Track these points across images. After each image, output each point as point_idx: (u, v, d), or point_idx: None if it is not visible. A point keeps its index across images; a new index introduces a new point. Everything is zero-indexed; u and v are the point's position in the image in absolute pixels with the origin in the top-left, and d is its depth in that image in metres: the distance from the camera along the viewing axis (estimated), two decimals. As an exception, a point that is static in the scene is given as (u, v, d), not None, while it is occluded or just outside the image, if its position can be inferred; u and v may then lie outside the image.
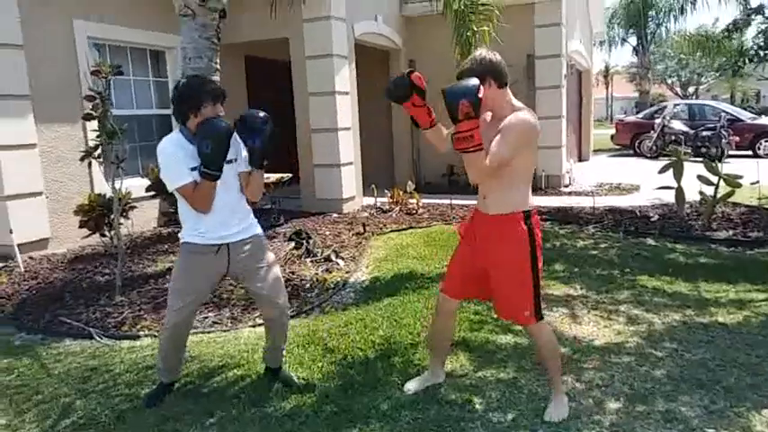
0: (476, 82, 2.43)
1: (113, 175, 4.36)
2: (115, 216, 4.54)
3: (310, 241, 5.80)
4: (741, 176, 6.39)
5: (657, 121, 15.28)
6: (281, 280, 3.11)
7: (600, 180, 10.52)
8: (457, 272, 2.91)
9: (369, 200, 8.57)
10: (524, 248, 2.62)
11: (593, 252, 5.70)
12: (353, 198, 8.37)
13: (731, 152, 13.33)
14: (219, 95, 2.79)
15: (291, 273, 5.14)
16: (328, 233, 6.69)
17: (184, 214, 2.88)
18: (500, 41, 5.52)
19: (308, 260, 5.49)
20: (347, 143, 8.16)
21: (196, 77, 2.82)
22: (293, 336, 3.77)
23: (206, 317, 4.21)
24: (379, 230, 6.82)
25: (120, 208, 4.56)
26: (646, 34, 20.48)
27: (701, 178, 6.53)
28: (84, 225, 5.67)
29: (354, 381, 3.17)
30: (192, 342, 3.78)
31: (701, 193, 6.70)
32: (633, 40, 21.88)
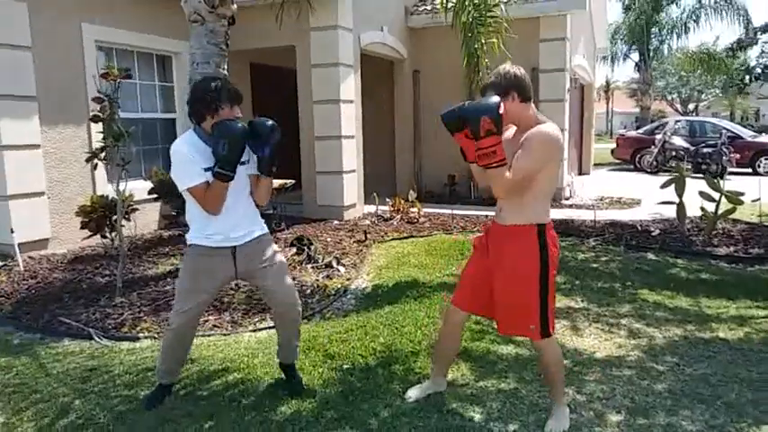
0: (497, 99, 2.45)
1: (118, 177, 4.36)
2: (118, 217, 4.54)
3: (312, 247, 5.80)
4: (743, 193, 6.41)
5: (658, 137, 15.34)
6: (289, 276, 3.10)
7: (601, 194, 10.54)
8: (468, 284, 2.90)
9: (370, 208, 8.58)
10: (533, 262, 2.60)
11: (594, 265, 5.70)
12: (355, 205, 8.38)
13: (731, 169, 13.37)
14: (237, 98, 2.80)
15: (292, 278, 5.11)
16: (329, 240, 6.69)
17: (193, 216, 2.88)
18: (508, 54, 5.55)
19: (309, 266, 5.48)
20: (350, 151, 8.19)
21: (214, 79, 2.81)
22: (293, 341, 3.76)
23: (206, 320, 4.20)
24: (380, 238, 6.82)
25: (123, 210, 4.56)
26: (648, 50, 20.60)
27: (703, 194, 6.55)
28: (85, 226, 5.68)
29: (355, 387, 3.16)
30: (193, 345, 3.76)
31: (703, 209, 6.72)
32: (635, 56, 22.02)
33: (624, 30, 20.94)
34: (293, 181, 7.53)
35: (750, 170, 14.46)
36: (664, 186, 6.87)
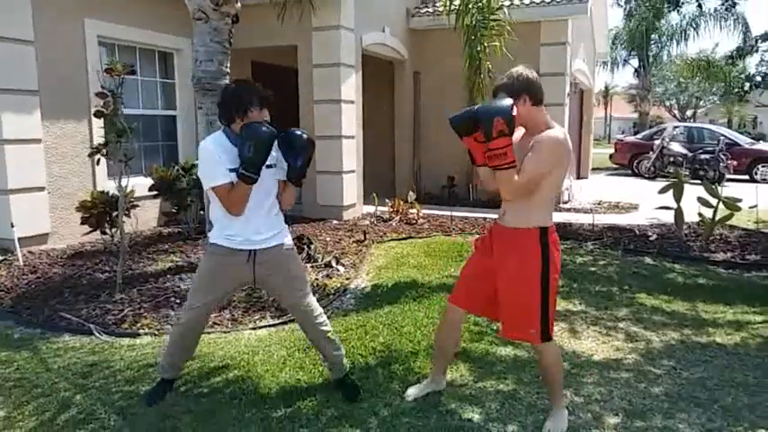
0: (509, 101, 2.48)
1: (120, 173, 4.37)
2: (120, 213, 4.55)
3: (311, 246, 5.82)
4: (740, 200, 6.46)
5: (656, 143, 15.40)
6: (309, 289, 3.07)
7: (599, 198, 10.57)
8: (465, 283, 2.93)
9: (369, 208, 8.59)
10: (535, 265, 2.62)
11: (592, 268, 5.74)
12: (354, 206, 8.40)
13: (729, 176, 13.43)
14: (266, 101, 2.83)
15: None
16: (329, 239, 6.71)
17: (216, 215, 2.90)
18: (510, 57, 5.58)
19: (309, 265, 5.50)
20: (350, 151, 8.21)
21: (245, 82, 2.85)
22: (293, 339, 3.79)
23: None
24: (379, 239, 6.84)
25: (125, 206, 4.57)
26: (648, 57, 20.68)
27: (701, 200, 6.59)
28: (85, 222, 5.68)
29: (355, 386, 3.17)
30: (193, 342, 3.79)
31: (701, 215, 6.76)
32: (635, 62, 22.10)
33: (624, 36, 21.01)
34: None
35: (747, 177, 14.54)
36: (662, 192, 6.90)
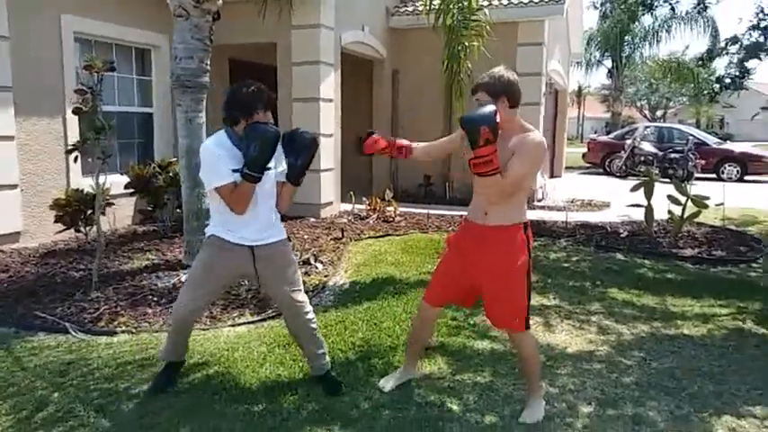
0: (493, 108, 2.51)
1: (98, 171, 4.33)
2: (96, 211, 4.51)
3: (289, 244, 5.82)
4: (708, 198, 6.66)
5: (628, 142, 15.73)
6: (299, 286, 3.10)
7: (572, 196, 10.76)
8: (439, 281, 3.01)
9: (346, 206, 8.63)
10: (524, 258, 2.73)
11: (565, 264, 5.87)
12: (331, 204, 8.43)
13: (697, 175, 13.77)
14: (271, 103, 2.84)
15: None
16: (306, 237, 6.73)
17: (217, 211, 2.92)
18: (489, 56, 5.67)
19: (287, 263, 5.51)
20: (328, 149, 8.22)
21: (251, 84, 2.83)
22: (273, 336, 3.81)
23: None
24: (356, 236, 6.88)
25: (102, 204, 4.53)
26: (620, 58, 21.05)
27: (671, 198, 6.78)
28: (59, 220, 5.62)
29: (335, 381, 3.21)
30: (172, 339, 3.79)
31: (670, 212, 6.95)
32: (608, 63, 22.47)
33: (599, 37, 21.34)
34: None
35: (714, 176, 14.93)
36: (633, 190, 7.08)
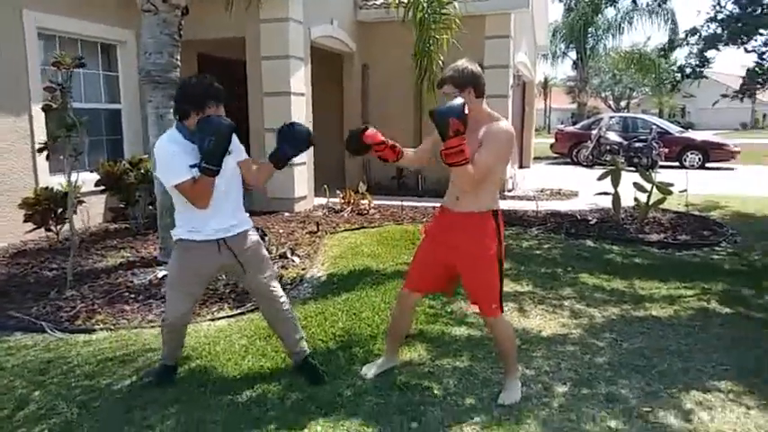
0: (461, 101, 2.60)
1: (69, 168, 4.28)
2: (69, 209, 4.45)
3: (265, 238, 5.84)
4: (672, 184, 6.88)
5: (594, 132, 16.06)
6: (272, 272, 3.14)
7: (541, 186, 10.97)
8: (417, 268, 3.09)
9: (320, 200, 8.65)
10: (493, 244, 2.82)
11: (537, 252, 6.01)
12: (305, 198, 8.44)
13: (661, 163, 14.16)
14: (223, 97, 2.84)
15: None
16: (282, 231, 6.74)
17: (180, 212, 2.91)
18: (460, 47, 5.75)
19: (264, 257, 5.52)
20: (300, 143, 8.20)
21: (203, 77, 2.84)
22: (253, 328, 3.83)
23: (163, 311, 4.19)
24: (332, 229, 6.91)
25: (74, 202, 4.48)
26: (585, 50, 21.45)
27: (637, 185, 6.98)
28: (29, 219, 5.52)
29: (318, 370, 3.26)
30: (152, 335, 3.80)
31: (636, 200, 7.16)
32: (573, 55, 22.86)
33: (564, 29, 21.69)
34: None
35: (677, 163, 15.36)
36: (601, 178, 7.27)
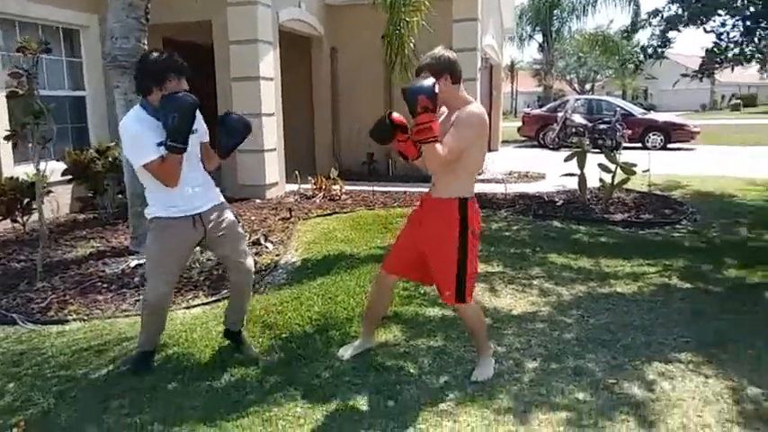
0: (432, 80, 2.68)
1: (38, 157, 4.20)
2: (38, 198, 4.38)
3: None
4: (635, 165, 7.09)
5: (560, 115, 16.32)
6: (246, 243, 3.23)
7: (509, 169, 11.14)
8: (396, 252, 3.17)
9: (292, 186, 8.63)
10: (453, 232, 2.86)
11: (506, 233, 6.14)
12: (276, 184, 8.41)
13: (625, 144, 14.47)
14: (184, 70, 2.81)
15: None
16: (254, 218, 6.73)
17: (151, 191, 2.91)
18: (431, 30, 5.79)
19: (237, 244, 5.52)
20: (271, 129, 8.18)
21: (162, 52, 2.81)
22: (230, 315, 3.85)
23: (137, 300, 4.19)
24: (304, 215, 6.93)
25: (43, 191, 4.40)
26: (551, 32, 21.68)
27: (602, 166, 7.17)
28: (-6, 210, 5.40)
29: (295, 353, 3.32)
30: (127, 324, 3.79)
31: (601, 180, 7.36)
32: (539, 38, 23.09)
33: (530, 12, 21.86)
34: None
35: (640, 145, 15.73)
36: (567, 160, 7.44)
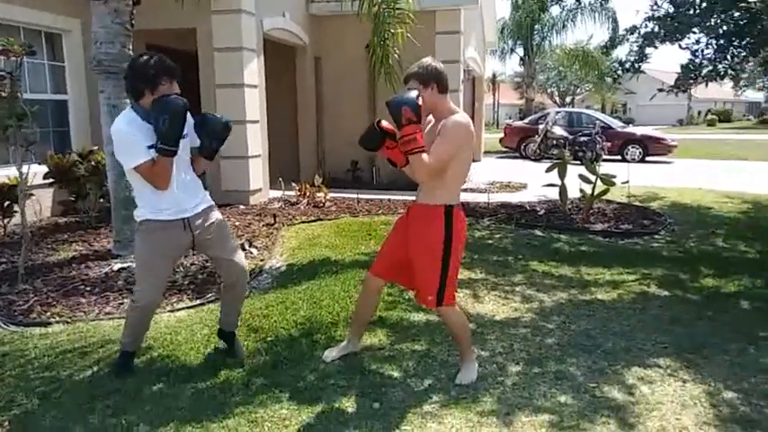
0: (415, 93, 2.77)
1: (21, 160, 4.17)
2: (21, 200, 4.34)
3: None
4: (615, 176, 7.24)
5: (541, 127, 16.56)
6: (237, 244, 3.25)
7: (491, 179, 11.26)
8: (383, 257, 3.22)
9: (276, 192, 8.64)
10: (437, 239, 2.91)
11: (489, 241, 6.23)
12: (261, 190, 8.42)
13: (604, 156, 14.72)
14: (176, 73, 2.83)
15: (206, 260, 5.15)
16: (238, 224, 6.73)
17: (141, 193, 2.92)
18: (416, 43, 5.88)
19: (221, 249, 5.52)
20: (255, 136, 8.19)
21: (152, 54, 2.82)
22: (214, 318, 3.84)
23: (121, 303, 4.17)
24: (288, 221, 6.95)
25: (25, 194, 4.37)
26: (532, 46, 22.03)
27: (582, 177, 7.31)
28: (-27, 213, 5.33)
29: (281, 356, 3.34)
30: (111, 327, 3.77)
31: (582, 191, 7.49)
32: (521, 51, 23.44)
33: (512, 26, 22.19)
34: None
35: (619, 157, 16.01)
36: (548, 171, 7.56)
